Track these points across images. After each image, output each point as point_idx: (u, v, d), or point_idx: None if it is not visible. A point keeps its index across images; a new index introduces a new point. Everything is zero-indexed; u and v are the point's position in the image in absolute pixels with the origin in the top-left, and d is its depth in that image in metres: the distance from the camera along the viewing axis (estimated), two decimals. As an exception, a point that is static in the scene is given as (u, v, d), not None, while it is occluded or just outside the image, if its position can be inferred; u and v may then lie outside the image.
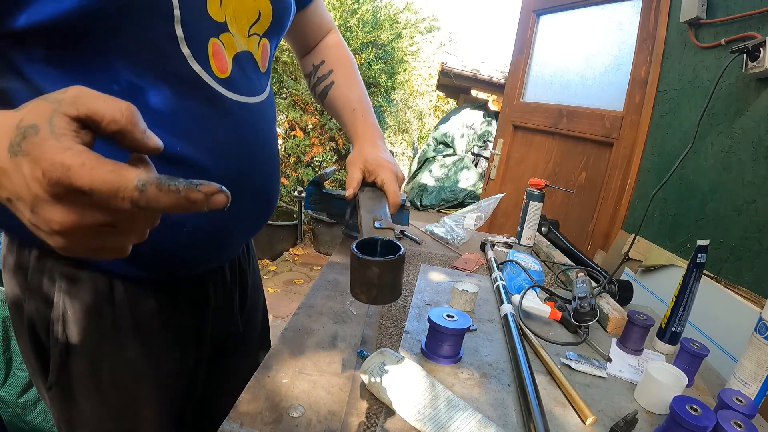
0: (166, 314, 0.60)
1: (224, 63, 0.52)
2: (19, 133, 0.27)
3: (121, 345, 0.57)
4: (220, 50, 0.51)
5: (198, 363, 0.67)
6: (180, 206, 0.28)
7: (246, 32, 0.55)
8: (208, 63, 0.50)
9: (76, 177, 0.26)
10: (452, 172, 5.83)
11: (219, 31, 0.51)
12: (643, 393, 0.60)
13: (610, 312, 0.80)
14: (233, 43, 0.53)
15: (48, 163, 0.26)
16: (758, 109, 1.08)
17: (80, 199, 0.27)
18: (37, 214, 0.28)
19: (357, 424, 0.48)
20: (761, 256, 1.01)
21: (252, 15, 0.55)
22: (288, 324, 0.66)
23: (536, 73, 2.19)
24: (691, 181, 1.27)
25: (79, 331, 0.54)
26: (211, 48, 0.50)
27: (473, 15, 46.44)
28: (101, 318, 0.55)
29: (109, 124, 0.28)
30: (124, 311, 0.56)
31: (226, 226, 0.59)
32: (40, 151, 0.26)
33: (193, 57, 0.49)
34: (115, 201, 0.27)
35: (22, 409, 1.23)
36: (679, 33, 1.43)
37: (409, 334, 0.68)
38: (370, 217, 0.58)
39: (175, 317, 0.61)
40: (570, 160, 1.92)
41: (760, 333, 0.60)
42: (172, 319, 0.61)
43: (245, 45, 0.55)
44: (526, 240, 1.18)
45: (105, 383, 0.57)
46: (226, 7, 0.51)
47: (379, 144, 0.76)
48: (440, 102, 9.88)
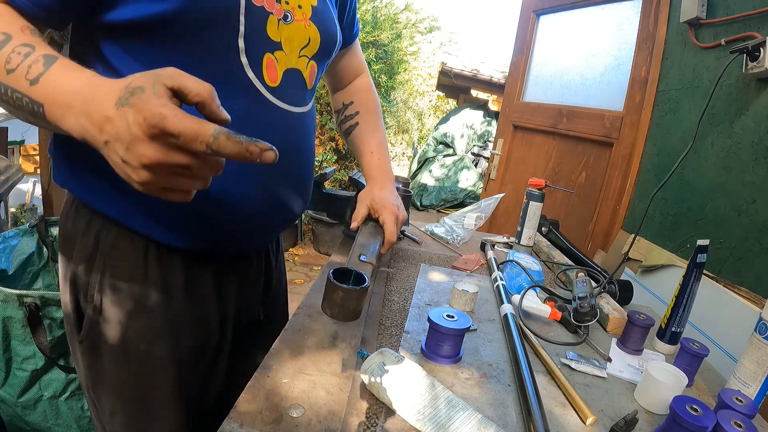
0: (193, 289, 0.66)
1: (275, 75, 0.62)
2: (128, 91, 0.37)
3: (148, 311, 0.63)
4: (273, 64, 0.61)
5: (219, 349, 0.71)
6: (240, 155, 0.37)
7: (297, 53, 0.64)
8: (261, 72, 0.60)
9: (169, 123, 0.36)
10: (452, 172, 5.83)
11: (274, 49, 0.61)
12: (643, 393, 0.60)
13: (610, 312, 0.80)
14: (285, 59, 0.63)
15: (149, 112, 0.36)
16: (758, 109, 1.08)
17: (168, 142, 0.37)
18: (132, 150, 0.37)
19: (357, 424, 0.48)
20: (761, 256, 1.01)
21: (303, 40, 0.65)
22: (288, 324, 0.66)
23: (536, 73, 2.19)
24: (691, 181, 1.27)
25: (113, 293, 0.61)
26: (265, 61, 0.60)
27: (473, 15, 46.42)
28: (134, 283, 0.62)
29: (195, 97, 0.38)
30: (156, 279, 0.63)
31: (265, 212, 0.66)
32: (145, 104, 0.36)
33: (249, 66, 0.58)
34: (194, 144, 0.36)
35: (22, 409, 1.23)
36: (679, 33, 1.43)
37: (409, 334, 0.68)
38: (358, 251, 0.69)
39: (201, 293, 0.67)
40: (570, 160, 1.92)
41: (760, 333, 0.60)
42: (198, 295, 0.67)
43: (295, 63, 0.65)
44: (526, 240, 1.18)
45: (129, 346, 0.63)
46: (282, 31, 0.61)
47: (388, 186, 0.85)
48: (440, 102, 9.88)
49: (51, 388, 1.23)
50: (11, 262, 1.52)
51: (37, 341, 1.20)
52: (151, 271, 0.63)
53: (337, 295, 0.54)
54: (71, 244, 0.63)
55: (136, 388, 0.65)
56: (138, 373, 0.64)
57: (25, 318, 1.17)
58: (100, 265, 0.61)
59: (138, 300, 0.62)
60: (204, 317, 0.68)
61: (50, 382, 1.23)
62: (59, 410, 1.25)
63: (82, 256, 0.62)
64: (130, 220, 0.60)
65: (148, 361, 0.64)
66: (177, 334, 0.65)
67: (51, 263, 1.68)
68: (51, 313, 1.20)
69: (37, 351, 1.20)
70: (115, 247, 0.61)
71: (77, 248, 0.62)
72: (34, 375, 1.22)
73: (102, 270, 0.61)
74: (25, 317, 1.17)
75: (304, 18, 0.64)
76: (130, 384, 0.65)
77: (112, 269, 0.61)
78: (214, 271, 0.68)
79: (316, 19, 0.66)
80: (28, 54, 0.43)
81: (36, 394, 1.23)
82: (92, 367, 0.65)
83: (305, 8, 0.64)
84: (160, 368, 0.65)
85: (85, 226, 0.62)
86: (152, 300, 0.63)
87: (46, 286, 1.65)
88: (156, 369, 0.65)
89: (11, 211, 2.49)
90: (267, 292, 0.82)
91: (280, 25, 0.61)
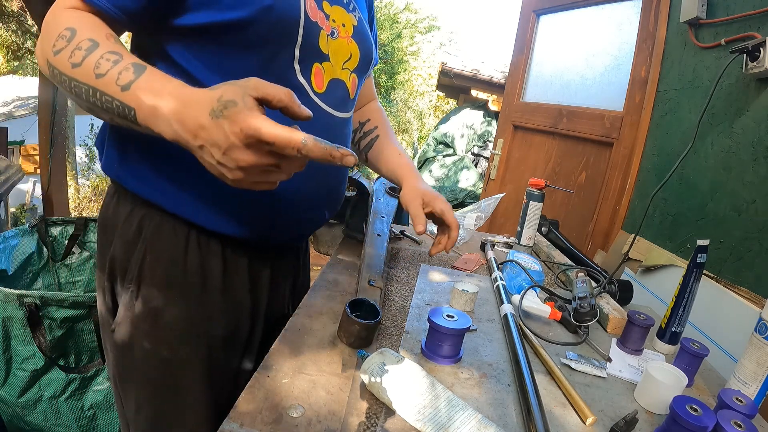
0: (229, 278, 0.69)
1: (321, 82, 0.68)
2: (220, 104, 0.43)
3: (184, 297, 0.66)
4: (320, 73, 0.67)
5: (249, 340, 0.73)
6: (324, 158, 0.44)
7: (341, 65, 0.70)
8: (310, 79, 0.66)
9: (264, 133, 0.42)
10: (452, 172, 5.83)
11: (322, 60, 0.67)
12: (643, 393, 0.60)
13: (610, 312, 0.80)
14: (331, 70, 0.69)
15: (245, 124, 0.42)
16: (758, 109, 1.08)
17: (262, 148, 0.44)
18: (229, 155, 0.44)
19: (357, 424, 0.48)
20: (761, 256, 1.01)
21: (345, 54, 0.71)
22: (288, 324, 0.66)
23: (536, 73, 2.19)
24: (691, 181, 1.27)
25: (151, 277, 0.64)
26: (314, 69, 0.66)
27: (473, 15, 46.40)
28: (173, 267, 0.65)
29: (277, 103, 0.45)
30: (194, 265, 0.66)
31: (309, 205, 0.72)
32: (239, 116, 0.43)
33: (300, 72, 0.64)
34: (286, 149, 0.43)
35: (22, 409, 1.23)
36: (679, 33, 1.43)
37: (409, 334, 0.68)
38: (366, 276, 0.76)
39: (236, 283, 0.70)
40: (570, 160, 1.91)
41: (760, 333, 0.60)
42: (233, 284, 0.70)
43: (339, 74, 0.71)
44: (526, 240, 1.18)
45: (161, 332, 0.65)
46: (330, 45, 0.67)
47: (423, 180, 0.86)
48: (440, 102, 9.88)
49: (51, 388, 1.23)
50: (11, 262, 1.52)
51: (37, 341, 1.20)
52: (190, 257, 0.66)
53: (353, 328, 0.60)
54: (111, 231, 0.67)
55: (165, 377, 0.67)
56: (168, 361, 0.66)
57: (25, 318, 1.17)
58: (141, 250, 0.64)
59: (175, 285, 0.65)
60: (237, 306, 0.71)
61: (50, 382, 1.23)
62: (59, 410, 1.25)
63: (123, 242, 0.65)
64: (176, 205, 0.64)
65: (179, 348, 0.66)
66: (210, 322, 0.68)
67: (51, 263, 1.68)
68: (51, 313, 1.20)
69: (37, 351, 1.20)
70: (157, 232, 0.64)
71: (118, 234, 0.66)
72: (34, 375, 1.22)
73: (143, 255, 0.64)
74: (25, 317, 1.17)
75: (347, 35, 0.70)
76: (160, 373, 0.66)
77: (153, 254, 0.64)
78: (249, 262, 0.71)
79: (356, 37, 0.72)
80: (117, 61, 0.48)
81: (36, 394, 1.23)
82: (122, 358, 0.67)
83: (348, 27, 0.71)
84: (192, 357, 0.67)
85: (128, 214, 0.65)
86: (189, 285, 0.66)
87: (46, 286, 1.66)
88: (187, 357, 0.67)
89: (11, 211, 2.49)
90: (294, 288, 0.84)
91: (329, 39, 0.67)
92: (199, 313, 0.67)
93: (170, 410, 0.68)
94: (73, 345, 1.26)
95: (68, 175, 2.68)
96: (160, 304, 0.65)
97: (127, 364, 0.67)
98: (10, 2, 5.87)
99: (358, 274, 0.83)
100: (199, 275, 0.66)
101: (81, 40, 0.50)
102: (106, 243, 0.67)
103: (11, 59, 7.77)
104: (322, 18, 0.65)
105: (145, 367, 0.66)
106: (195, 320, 0.67)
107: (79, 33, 0.50)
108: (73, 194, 6.30)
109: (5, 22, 6.19)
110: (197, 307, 0.67)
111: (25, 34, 6.48)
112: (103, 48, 0.49)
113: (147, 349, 0.65)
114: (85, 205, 6.44)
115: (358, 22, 0.73)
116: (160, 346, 0.66)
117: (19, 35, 6.64)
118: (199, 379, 0.67)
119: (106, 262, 0.67)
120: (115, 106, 0.48)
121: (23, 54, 7.34)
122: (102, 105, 0.49)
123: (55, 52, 0.51)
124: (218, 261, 0.68)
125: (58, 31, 0.51)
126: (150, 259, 0.64)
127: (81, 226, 1.73)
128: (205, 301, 0.67)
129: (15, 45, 7.01)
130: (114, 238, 0.66)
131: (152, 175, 0.63)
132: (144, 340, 0.65)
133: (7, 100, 7.74)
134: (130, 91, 0.47)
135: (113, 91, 0.48)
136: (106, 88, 0.48)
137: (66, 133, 2.36)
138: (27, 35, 6.54)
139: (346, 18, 0.70)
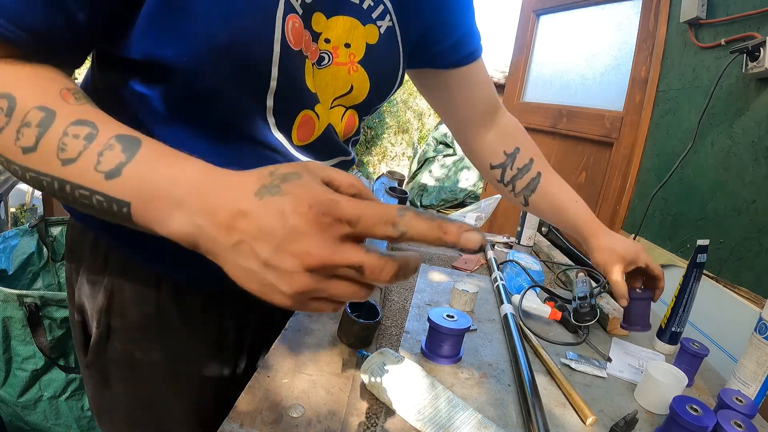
0: (211, 312, 0.60)
1: (309, 133, 0.53)
2: (276, 178, 0.30)
3: (161, 336, 0.57)
4: (311, 122, 0.52)
5: (235, 369, 0.66)
6: (432, 233, 0.28)
7: (330, 102, 0.54)
8: (290, 132, 0.51)
9: (344, 207, 0.28)
10: (452, 172, 5.83)
11: (313, 104, 0.52)
12: (643, 393, 0.60)
13: (610, 312, 0.80)
14: (325, 115, 0.54)
15: (315, 199, 0.29)
16: (758, 109, 1.08)
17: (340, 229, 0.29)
18: (286, 249, 0.28)
19: (357, 424, 0.48)
20: (761, 256, 1.01)
21: (340, 86, 0.53)
22: (288, 324, 0.66)
23: (536, 73, 2.19)
24: (691, 181, 1.27)
25: (122, 316, 0.55)
26: (299, 119, 0.51)
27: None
28: (146, 305, 0.55)
29: (348, 188, 0.32)
30: (169, 303, 0.57)
31: None
32: (307, 190, 0.29)
33: (277, 126, 0.50)
34: (377, 227, 0.28)
35: (22, 409, 1.23)
36: (679, 33, 1.43)
37: (409, 334, 0.68)
38: None
39: (218, 316, 0.61)
40: (570, 160, 1.91)
41: (760, 333, 0.60)
42: (215, 319, 0.61)
43: (329, 117, 0.55)
44: (526, 240, 1.18)
45: (140, 372, 0.58)
46: (317, 77, 0.51)
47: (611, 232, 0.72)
48: (440, 102, 9.86)
49: (51, 388, 1.23)
50: (11, 262, 1.52)
51: (37, 341, 1.20)
52: (163, 296, 0.56)
53: (353, 328, 0.59)
54: (78, 257, 0.57)
55: (147, 413, 0.60)
56: (149, 399, 0.59)
57: (25, 318, 1.17)
58: (108, 286, 0.55)
59: (148, 325, 0.56)
60: (223, 337, 0.63)
61: (50, 382, 1.23)
62: (59, 410, 1.25)
63: (89, 273, 0.56)
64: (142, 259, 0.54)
65: (160, 386, 0.59)
66: (191, 356, 0.60)
67: (51, 263, 1.68)
68: (51, 313, 1.20)
69: (37, 351, 1.20)
70: (124, 270, 0.55)
71: (84, 263, 0.57)
72: (34, 375, 1.22)
73: (110, 291, 0.55)
74: (25, 317, 1.17)
75: (350, 61, 0.52)
76: (140, 410, 0.60)
77: (121, 292, 0.55)
78: (230, 295, 0.58)
79: (368, 62, 0.53)
80: (91, 136, 0.34)
81: (36, 394, 1.23)
82: (99, 394, 0.60)
83: (357, 46, 0.51)
84: (175, 394, 0.60)
85: (92, 242, 0.56)
86: (165, 324, 0.57)
87: (46, 286, 1.65)
88: (170, 395, 0.60)
89: (11, 211, 2.48)
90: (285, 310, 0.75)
91: (314, 70, 0.50)
92: (178, 351, 0.59)
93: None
94: (73, 345, 1.26)
95: (68, 175, 2.66)
96: (133, 345, 0.57)
97: (104, 401, 0.60)
98: (10, 2, 5.87)
99: None
100: (175, 314, 0.57)
101: (26, 111, 0.34)
102: (73, 271, 0.59)
103: (11, 59, 7.75)
104: (308, 42, 0.48)
105: (123, 405, 0.59)
106: (174, 359, 0.58)
107: (21, 101, 0.34)
108: (73, 194, 6.28)
109: (5, 22, 6.17)
110: (175, 346, 0.58)
111: (25, 34, 6.47)
112: (63, 118, 0.34)
113: (124, 389, 0.58)
114: (85, 205, 6.42)
115: (382, 34, 0.53)
116: (138, 387, 0.58)
117: (19, 35, 6.63)
118: (182, 412, 0.61)
119: (73, 293, 0.59)
120: (95, 202, 0.34)
121: (23, 54, 7.33)
122: (76, 201, 0.34)
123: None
124: (197, 297, 0.58)
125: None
126: (118, 297, 0.55)
127: (81, 226, 1.73)
128: (185, 339, 0.59)
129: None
130: (80, 272, 0.57)
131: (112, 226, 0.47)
132: (121, 383, 0.58)
133: (7, 100, 7.72)
134: (121, 179, 0.33)
135: (92, 182, 0.33)
136: (80, 178, 0.33)
137: (66, 133, 2.35)
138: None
139: (355, 33, 0.51)
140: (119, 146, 0.33)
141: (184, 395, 0.61)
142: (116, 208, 0.33)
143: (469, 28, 0.66)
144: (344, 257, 0.28)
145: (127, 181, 0.33)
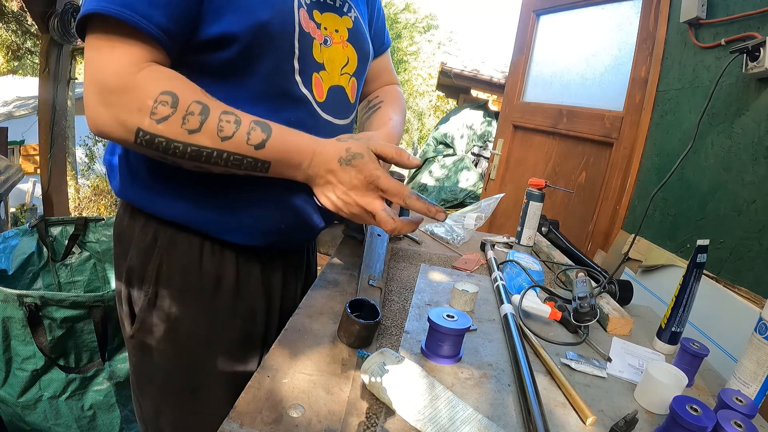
0: (243, 282, 0.71)
1: (321, 92, 0.70)
2: (349, 155, 0.58)
3: (201, 301, 0.68)
4: (320, 82, 0.69)
5: (264, 340, 0.76)
6: (422, 211, 0.59)
7: (338, 72, 0.71)
8: (311, 90, 0.68)
9: (382, 182, 0.58)
10: (452, 172, 5.83)
11: (319, 69, 0.68)
12: (643, 393, 0.60)
13: (610, 312, 0.80)
14: (328, 78, 0.70)
15: (369, 173, 0.58)
16: (758, 109, 1.08)
17: (376, 192, 0.59)
18: (349, 194, 0.59)
19: (357, 424, 0.48)
20: (761, 256, 1.01)
21: (342, 60, 0.72)
22: (288, 324, 0.66)
23: (536, 73, 2.19)
24: (691, 181, 1.27)
25: (167, 284, 0.66)
26: (314, 80, 0.68)
27: (473, 15, 46.39)
28: (188, 274, 0.67)
29: (392, 158, 0.61)
30: (209, 271, 0.68)
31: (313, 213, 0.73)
32: (365, 167, 0.58)
33: (302, 84, 0.66)
34: (395, 197, 0.59)
35: (22, 409, 1.23)
36: (679, 33, 1.43)
37: (409, 334, 0.68)
38: (366, 276, 0.77)
39: (250, 286, 0.72)
40: (570, 160, 1.91)
41: (760, 333, 0.60)
42: (247, 287, 0.72)
43: (338, 81, 0.72)
44: (526, 240, 1.18)
45: (179, 337, 0.67)
46: (324, 53, 0.69)
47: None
48: (440, 102, 9.88)
49: (51, 388, 1.23)
50: (11, 262, 1.52)
51: (37, 341, 1.20)
52: (205, 265, 0.68)
53: (354, 328, 0.61)
54: (127, 241, 0.69)
55: (184, 380, 0.68)
56: (187, 365, 0.68)
57: (25, 318, 1.17)
58: (157, 259, 0.66)
59: (191, 292, 0.67)
60: (252, 310, 0.73)
61: (50, 382, 1.23)
62: (59, 410, 1.25)
63: (139, 251, 0.67)
64: (189, 220, 0.66)
65: (198, 352, 0.68)
66: (227, 325, 0.70)
67: (51, 263, 1.68)
68: (51, 313, 1.20)
69: (37, 351, 1.20)
70: (172, 242, 0.67)
71: (134, 244, 0.67)
72: (34, 375, 1.22)
73: (159, 263, 0.66)
74: (25, 317, 1.17)
75: (341, 41, 0.71)
76: (178, 377, 0.68)
77: (169, 262, 0.66)
78: (262, 267, 0.73)
79: (353, 40, 0.73)
80: (238, 121, 0.54)
81: (36, 394, 1.23)
82: (140, 363, 0.69)
83: (342, 32, 0.71)
84: (209, 360, 0.69)
85: (142, 225, 0.67)
86: (205, 292, 0.68)
87: (46, 286, 1.66)
88: (206, 360, 0.69)
89: (11, 211, 2.49)
90: (305, 286, 0.86)
91: (322, 48, 0.68)
92: (216, 318, 0.69)
93: (190, 413, 0.69)
94: (73, 345, 1.26)
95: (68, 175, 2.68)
96: (177, 310, 0.67)
97: (146, 369, 0.69)
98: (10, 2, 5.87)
99: (358, 274, 0.83)
100: (214, 282, 0.68)
101: (187, 104, 0.52)
102: (122, 253, 0.69)
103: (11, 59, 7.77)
104: (314, 28, 0.66)
105: (163, 371, 0.68)
106: (211, 325, 0.68)
107: (182, 97, 0.52)
108: (73, 194, 6.30)
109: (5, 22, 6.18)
110: (213, 313, 0.69)
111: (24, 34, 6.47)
112: (214, 109, 0.53)
113: (165, 355, 0.67)
114: (85, 205, 6.43)
115: (353, 23, 0.73)
116: (178, 351, 0.68)
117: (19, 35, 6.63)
118: (217, 382, 0.69)
119: (123, 271, 0.69)
120: (246, 163, 0.55)
121: (23, 54, 7.34)
122: (229, 163, 0.55)
123: (158, 120, 0.51)
124: (232, 268, 0.70)
125: (152, 97, 0.51)
126: (166, 267, 0.66)
127: (81, 226, 1.73)
128: (221, 307, 0.69)
129: (15, 45, 7.00)
130: (130, 247, 0.68)
131: (164, 194, 0.65)
132: (161, 346, 0.67)
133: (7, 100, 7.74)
134: (266, 149, 0.55)
135: (246, 151, 0.54)
136: (236, 149, 0.54)
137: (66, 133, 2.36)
138: (27, 35, 6.53)
139: (338, 23, 0.71)
140: (258, 128, 0.55)
141: (219, 361, 0.69)
142: (260, 166, 0.56)
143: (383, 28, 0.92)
144: (373, 203, 0.59)
145: (269, 150, 0.56)
